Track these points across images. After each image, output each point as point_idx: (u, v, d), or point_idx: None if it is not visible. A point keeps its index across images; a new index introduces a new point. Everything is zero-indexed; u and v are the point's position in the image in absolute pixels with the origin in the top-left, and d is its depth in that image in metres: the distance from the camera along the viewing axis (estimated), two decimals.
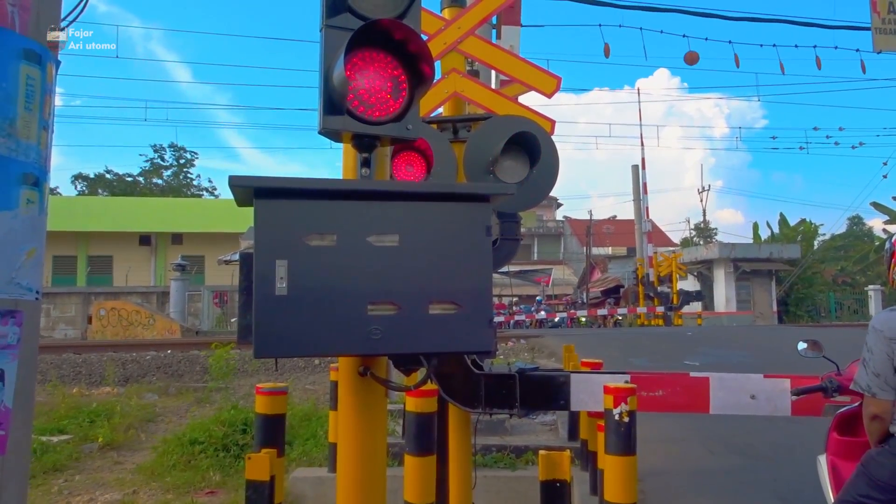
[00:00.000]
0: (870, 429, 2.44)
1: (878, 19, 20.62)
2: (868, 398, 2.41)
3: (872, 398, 2.39)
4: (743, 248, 32.62)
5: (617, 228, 47.53)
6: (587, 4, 12.84)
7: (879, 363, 2.35)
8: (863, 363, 2.44)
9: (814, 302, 33.05)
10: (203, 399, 9.17)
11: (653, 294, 28.39)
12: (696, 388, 3.74)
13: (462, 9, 4.31)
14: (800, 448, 5.74)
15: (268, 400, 4.03)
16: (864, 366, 2.42)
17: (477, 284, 2.09)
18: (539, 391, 3.75)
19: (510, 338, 15.18)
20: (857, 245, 42.09)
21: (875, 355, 2.37)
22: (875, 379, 2.37)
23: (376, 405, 2.25)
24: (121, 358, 11.67)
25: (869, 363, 2.39)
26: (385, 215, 2.04)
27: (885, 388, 2.36)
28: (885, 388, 2.36)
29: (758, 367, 10.19)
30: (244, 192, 1.99)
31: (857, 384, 2.45)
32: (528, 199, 3.80)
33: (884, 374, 2.35)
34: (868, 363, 2.40)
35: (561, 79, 4.40)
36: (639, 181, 31.05)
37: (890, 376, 2.35)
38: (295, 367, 11.01)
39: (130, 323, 20.07)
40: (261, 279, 1.92)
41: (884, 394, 2.36)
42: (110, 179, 49.94)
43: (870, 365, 2.39)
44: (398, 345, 2.03)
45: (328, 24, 2.14)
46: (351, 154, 2.30)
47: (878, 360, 2.36)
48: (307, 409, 7.84)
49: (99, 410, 8.03)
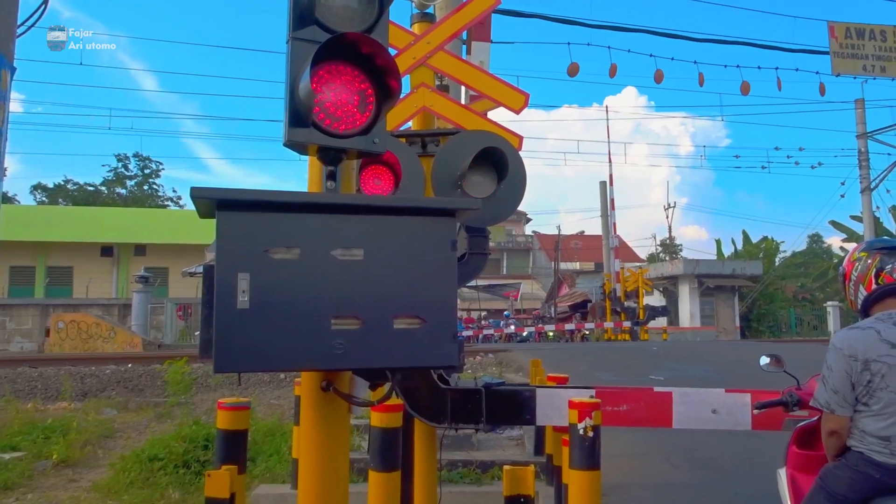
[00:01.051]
0: (827, 443, 2.49)
1: (836, 44, 21.35)
2: (826, 414, 2.46)
3: (831, 414, 2.44)
4: (707, 264, 33.22)
5: (585, 244, 47.99)
6: (556, 22, 13.05)
7: (838, 380, 2.40)
8: (822, 380, 2.48)
9: (775, 318, 33.73)
10: (164, 414, 8.98)
11: (620, 309, 28.70)
12: (659, 403, 3.77)
13: (432, 24, 4.32)
14: (760, 461, 5.82)
15: (230, 415, 3.95)
16: (824, 383, 2.46)
17: (442, 299, 2.08)
18: (505, 406, 3.74)
19: (478, 352, 15.17)
20: (816, 262, 43.13)
21: (834, 373, 2.42)
22: (833, 396, 2.42)
23: (339, 420, 2.22)
24: (79, 372, 11.38)
25: (828, 380, 2.44)
26: (350, 229, 2.02)
27: (843, 404, 2.40)
28: (842, 405, 2.40)
29: (720, 381, 10.34)
30: (207, 203, 1.96)
31: (817, 401, 2.50)
32: (495, 213, 3.82)
33: (842, 391, 2.40)
34: (827, 380, 2.44)
35: (529, 95, 4.43)
36: (606, 197, 31.47)
37: (848, 393, 2.40)
38: (260, 381, 10.85)
39: (90, 336, 19.60)
40: (222, 292, 1.89)
41: (841, 410, 2.41)
42: (71, 189, 48.99)
43: (829, 382, 2.43)
44: (362, 359, 2.02)
45: (295, 37, 2.12)
46: (316, 167, 2.28)
47: (837, 377, 2.41)
48: (271, 425, 7.71)
49: (54, 426, 7.79)
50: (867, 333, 2.41)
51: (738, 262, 34.65)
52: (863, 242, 2.79)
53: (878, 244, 2.66)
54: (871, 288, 2.56)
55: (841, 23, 21.63)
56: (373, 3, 2.23)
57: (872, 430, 2.34)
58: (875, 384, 2.34)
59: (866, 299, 2.58)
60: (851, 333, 2.46)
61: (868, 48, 21.55)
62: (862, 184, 26.78)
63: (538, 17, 13.76)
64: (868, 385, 2.35)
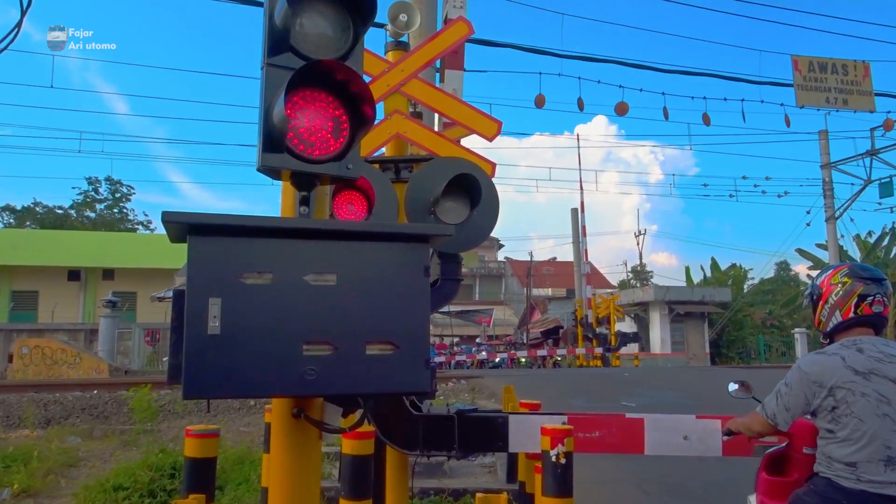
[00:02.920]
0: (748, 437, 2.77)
1: (800, 77, 21.97)
2: (766, 423, 2.58)
3: (772, 426, 2.57)
4: (677, 290, 33.58)
5: (556, 270, 48.29)
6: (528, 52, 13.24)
7: (793, 400, 2.48)
8: (776, 393, 2.54)
9: (744, 344, 34.12)
10: (130, 442, 8.77)
11: (592, 335, 28.82)
12: (631, 429, 3.78)
13: (406, 52, 4.37)
14: (731, 488, 5.85)
15: (198, 443, 3.87)
16: (777, 397, 2.53)
17: (414, 325, 2.08)
18: (478, 433, 3.72)
19: (451, 378, 15.11)
20: (784, 289, 43.82)
21: (792, 391, 2.48)
22: (784, 412, 2.51)
23: (310, 448, 2.20)
24: (42, 399, 11.10)
25: (783, 396, 2.51)
26: (323, 254, 2.02)
27: (787, 421, 2.53)
28: (786, 422, 2.53)
29: (691, 407, 10.42)
30: (178, 228, 1.95)
31: (764, 409, 2.59)
32: (468, 239, 3.84)
33: (792, 411, 2.50)
34: (782, 395, 2.51)
35: (502, 123, 4.49)
36: (578, 224, 31.75)
37: (797, 414, 2.51)
38: (230, 408, 10.68)
39: (55, 362, 19.11)
40: (193, 317, 1.87)
41: (783, 426, 2.55)
42: (39, 212, 48.13)
43: (783, 398, 2.51)
44: (334, 386, 2.00)
45: (270, 63, 2.14)
46: (290, 192, 2.28)
47: (794, 397, 2.47)
48: (240, 452, 7.57)
49: (15, 455, 7.56)
50: (833, 360, 2.45)
51: (708, 288, 35.09)
52: (843, 265, 2.70)
53: (863, 272, 2.60)
54: (849, 316, 2.55)
55: (804, 56, 22.28)
56: (347, 31, 2.25)
57: (839, 457, 2.38)
58: (840, 411, 2.38)
59: (838, 325, 2.59)
60: (818, 358, 2.50)
61: (831, 81, 22.19)
62: (827, 213, 27.41)
63: (510, 47, 13.95)
64: (833, 411, 2.39)
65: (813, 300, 2.72)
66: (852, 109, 22.65)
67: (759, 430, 2.66)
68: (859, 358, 2.42)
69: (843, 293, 2.58)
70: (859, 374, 2.38)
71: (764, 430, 2.65)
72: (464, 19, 4.82)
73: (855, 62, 22.62)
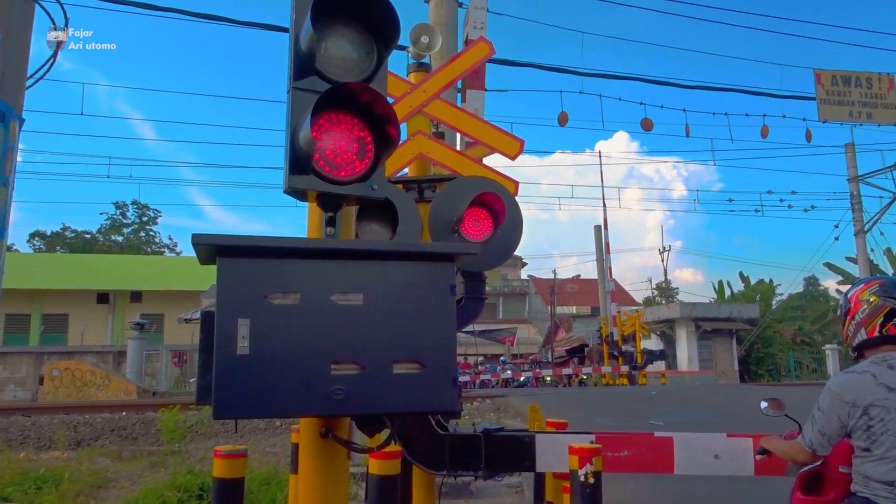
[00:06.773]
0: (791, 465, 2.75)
1: (822, 91, 21.74)
2: (806, 451, 2.53)
3: (812, 453, 2.51)
4: (703, 307, 33.15)
5: (581, 288, 47.98)
6: (549, 71, 13.29)
7: (828, 424, 2.43)
8: (811, 420, 2.50)
9: (774, 361, 33.52)
10: (158, 463, 8.83)
11: (617, 353, 28.51)
12: (660, 448, 3.73)
13: (428, 73, 4.42)
14: None
15: (226, 463, 3.89)
16: (812, 423, 2.49)
17: (441, 343, 2.09)
18: (504, 452, 3.69)
19: (475, 397, 15.03)
20: (813, 305, 43.12)
21: (826, 415, 2.43)
22: (820, 437, 2.46)
23: (338, 468, 2.20)
24: (72, 420, 11.23)
25: (818, 421, 2.46)
26: (349, 274, 2.04)
27: (825, 446, 2.47)
28: (825, 447, 2.48)
29: (720, 426, 10.24)
30: (207, 250, 1.98)
31: (803, 438, 2.55)
32: (492, 258, 3.84)
33: (828, 434, 2.44)
34: (816, 421, 2.47)
35: (524, 141, 4.51)
36: (601, 241, 31.57)
37: (833, 437, 2.45)
38: (255, 428, 10.71)
39: (84, 384, 19.36)
40: (222, 338, 1.90)
41: (822, 451, 2.49)
42: (68, 237, 49.04)
43: (818, 423, 2.46)
44: (361, 405, 2.01)
45: (296, 87, 2.17)
46: (316, 213, 2.31)
47: (828, 420, 2.43)
48: (267, 473, 7.58)
49: (47, 476, 7.65)
50: (863, 378, 2.41)
51: (735, 304, 34.61)
52: (875, 280, 2.65)
53: (893, 290, 2.53)
54: (874, 335, 2.52)
55: (827, 70, 22.06)
56: (371, 54, 2.29)
57: (876, 476, 2.33)
58: (876, 429, 2.33)
59: (864, 342, 2.56)
60: (848, 378, 2.46)
61: (854, 95, 21.92)
62: (856, 226, 26.95)
63: (531, 66, 14.03)
64: (868, 430, 2.34)
65: (842, 314, 2.69)
66: (877, 123, 22.34)
67: (802, 459, 2.61)
68: (891, 374, 2.38)
69: (869, 311, 2.54)
70: (892, 390, 2.34)
71: (807, 460, 2.60)
72: (485, 40, 4.87)
73: (879, 75, 22.35)
